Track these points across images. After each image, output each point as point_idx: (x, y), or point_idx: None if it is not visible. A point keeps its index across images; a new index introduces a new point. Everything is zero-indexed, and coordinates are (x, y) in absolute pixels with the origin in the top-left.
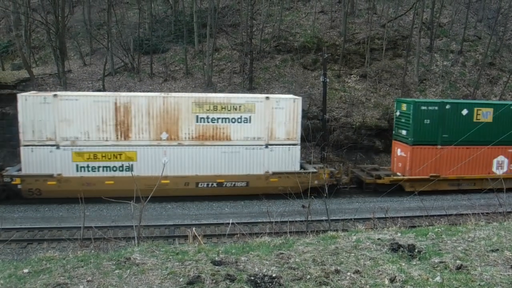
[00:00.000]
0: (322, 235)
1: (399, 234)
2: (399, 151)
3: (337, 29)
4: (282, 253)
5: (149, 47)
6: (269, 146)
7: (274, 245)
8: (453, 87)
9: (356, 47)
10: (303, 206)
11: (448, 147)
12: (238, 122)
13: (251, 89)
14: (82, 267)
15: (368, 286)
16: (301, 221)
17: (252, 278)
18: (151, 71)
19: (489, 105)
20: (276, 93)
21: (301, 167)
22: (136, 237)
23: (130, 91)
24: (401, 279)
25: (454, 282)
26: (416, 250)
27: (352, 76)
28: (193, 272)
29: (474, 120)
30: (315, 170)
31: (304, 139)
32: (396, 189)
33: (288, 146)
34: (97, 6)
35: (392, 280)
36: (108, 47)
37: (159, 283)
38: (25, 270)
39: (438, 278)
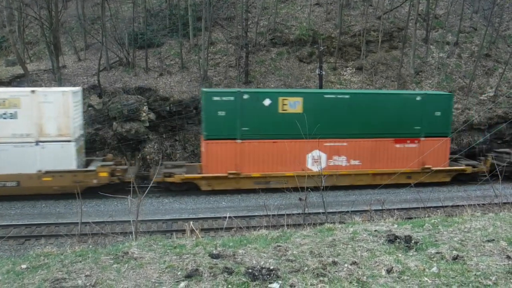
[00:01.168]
0: (319, 227)
1: (395, 226)
2: (202, 146)
3: (333, 21)
4: (279, 246)
5: (144, 41)
6: (40, 143)
7: (271, 238)
8: (449, 79)
9: (351, 39)
10: (300, 199)
11: (249, 141)
12: (3, 118)
13: (247, 83)
14: (80, 262)
15: (365, 277)
16: (298, 214)
17: (250, 270)
18: (146, 66)
19: (297, 94)
20: (272, 86)
21: (88, 164)
22: (133, 232)
23: (126, 85)
24: (398, 270)
25: (450, 272)
26: (413, 241)
27: (348, 68)
28: (191, 265)
29: (280, 111)
30: (93, 169)
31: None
32: (192, 188)
33: (61, 142)
34: (90, 0)
35: (389, 271)
36: (103, 41)
37: (157, 277)
38: (23, 266)
39: (434, 269)
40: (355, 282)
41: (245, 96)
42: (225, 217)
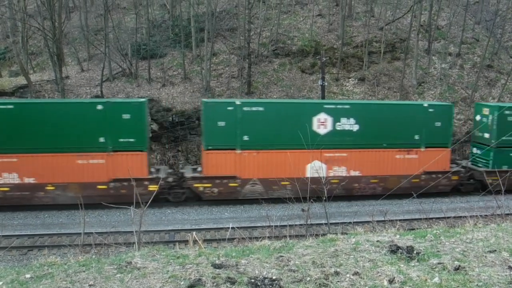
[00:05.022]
0: (321, 238)
1: (398, 236)
2: None
3: (335, 32)
4: (282, 256)
5: (146, 52)
6: None
7: (274, 248)
8: (452, 90)
9: (354, 50)
10: (303, 210)
11: None
12: None
13: (249, 94)
14: (84, 271)
15: (367, 287)
16: (301, 225)
17: (253, 280)
18: (149, 76)
19: None
20: (274, 97)
21: None
22: (136, 242)
23: (128, 96)
24: (400, 280)
25: (452, 283)
26: (415, 252)
27: (350, 79)
28: (194, 275)
29: None
30: None
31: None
32: None
33: None
34: (94, 11)
35: (391, 281)
36: (106, 52)
37: (160, 286)
38: (27, 276)
39: (436, 279)
40: None
41: None
42: (228, 228)
